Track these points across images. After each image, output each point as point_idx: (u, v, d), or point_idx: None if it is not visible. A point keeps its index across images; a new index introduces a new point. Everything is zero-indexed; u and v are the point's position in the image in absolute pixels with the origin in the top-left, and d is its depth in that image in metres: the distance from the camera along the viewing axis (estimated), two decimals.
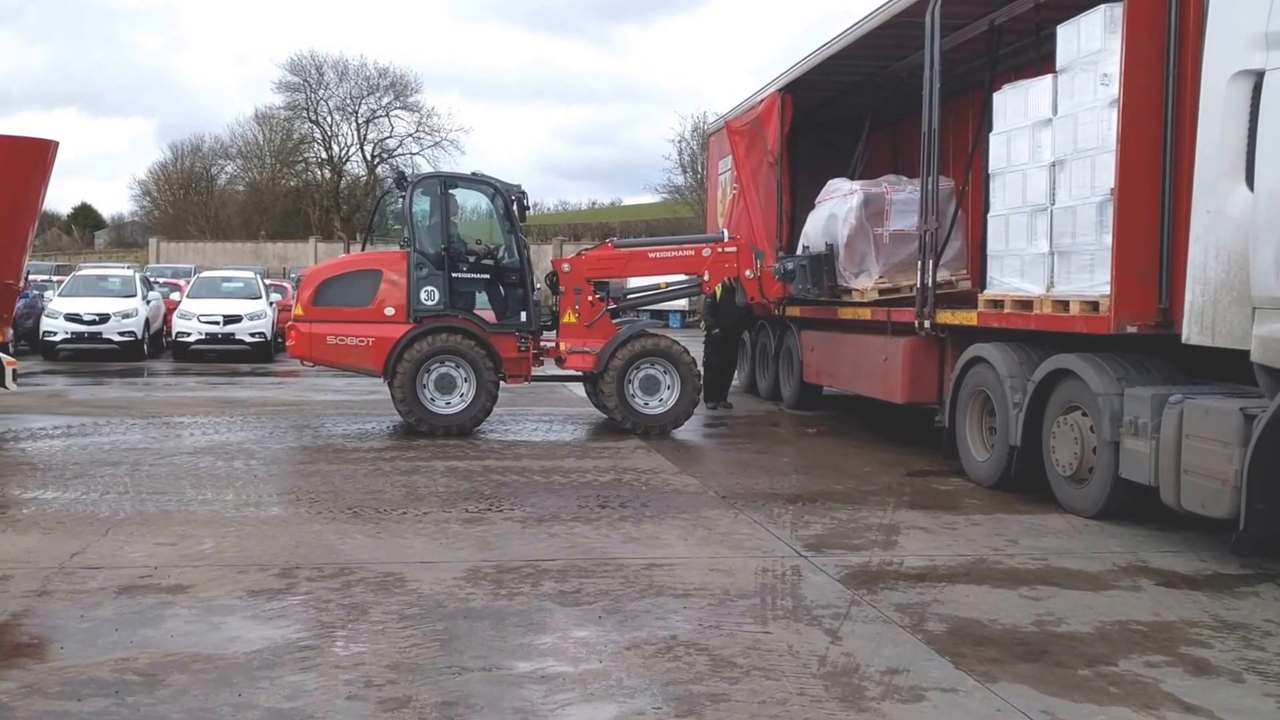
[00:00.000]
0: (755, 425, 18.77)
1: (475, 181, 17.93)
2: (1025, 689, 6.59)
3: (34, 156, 17.34)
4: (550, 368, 18.24)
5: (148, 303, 31.44)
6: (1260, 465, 8.58)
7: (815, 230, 18.53)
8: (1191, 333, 9.70)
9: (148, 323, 30.81)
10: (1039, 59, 14.17)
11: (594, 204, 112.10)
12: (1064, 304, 11.56)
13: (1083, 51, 11.51)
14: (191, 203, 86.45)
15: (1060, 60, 11.92)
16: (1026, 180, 12.44)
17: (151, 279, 37.09)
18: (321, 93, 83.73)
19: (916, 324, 14.51)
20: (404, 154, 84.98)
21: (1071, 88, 11.71)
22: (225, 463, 13.97)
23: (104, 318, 29.59)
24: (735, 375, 22.31)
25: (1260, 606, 8.34)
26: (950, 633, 7.63)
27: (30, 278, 24.47)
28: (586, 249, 19.27)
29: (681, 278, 18.85)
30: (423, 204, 17.28)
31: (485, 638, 7.40)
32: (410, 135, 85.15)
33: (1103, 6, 11.17)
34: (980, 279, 13.84)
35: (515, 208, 17.45)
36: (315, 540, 10.02)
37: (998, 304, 12.83)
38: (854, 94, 20.05)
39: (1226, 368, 9.89)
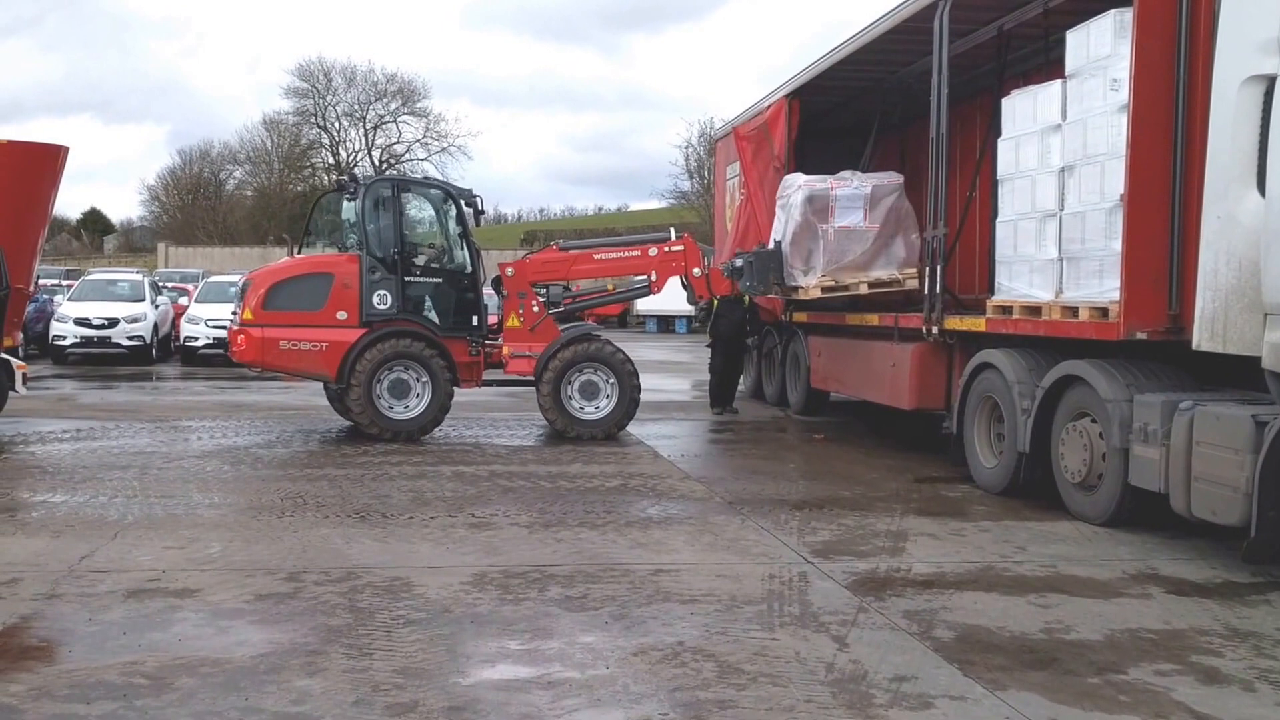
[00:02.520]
0: (762, 431, 18.73)
1: (427, 185, 17.93)
2: (1034, 697, 6.57)
3: (44, 162, 17.40)
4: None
5: (156, 307, 31.47)
6: (1272, 472, 8.55)
7: (777, 226, 18.55)
8: (1202, 339, 9.67)
9: (156, 327, 30.83)
10: (1048, 64, 14.14)
11: (600, 210, 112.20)
12: (1073, 310, 11.52)
13: (1092, 57, 11.48)
14: (200, 208, 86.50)
15: (1069, 65, 11.88)
16: (1035, 186, 12.39)
17: (160, 284, 37.12)
18: (330, 98, 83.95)
19: (924, 330, 14.48)
20: (411, 159, 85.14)
21: (1081, 93, 11.67)
22: (233, 467, 13.97)
23: (113, 322, 29.62)
24: (740, 381, 22.25)
25: (1272, 615, 8.30)
26: (958, 640, 7.60)
27: (40, 282, 24.48)
28: (531, 252, 19.09)
29: (632, 279, 18.71)
30: (375, 207, 16.97)
31: (492, 643, 7.39)
32: (418, 141, 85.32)
33: (1112, 11, 11.13)
34: (988, 284, 13.79)
35: (471, 212, 17.34)
36: (322, 544, 10.01)
37: (1006, 310, 12.79)
38: (862, 99, 20.02)
39: (1237, 374, 9.86)
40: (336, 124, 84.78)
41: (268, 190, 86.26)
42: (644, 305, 54.15)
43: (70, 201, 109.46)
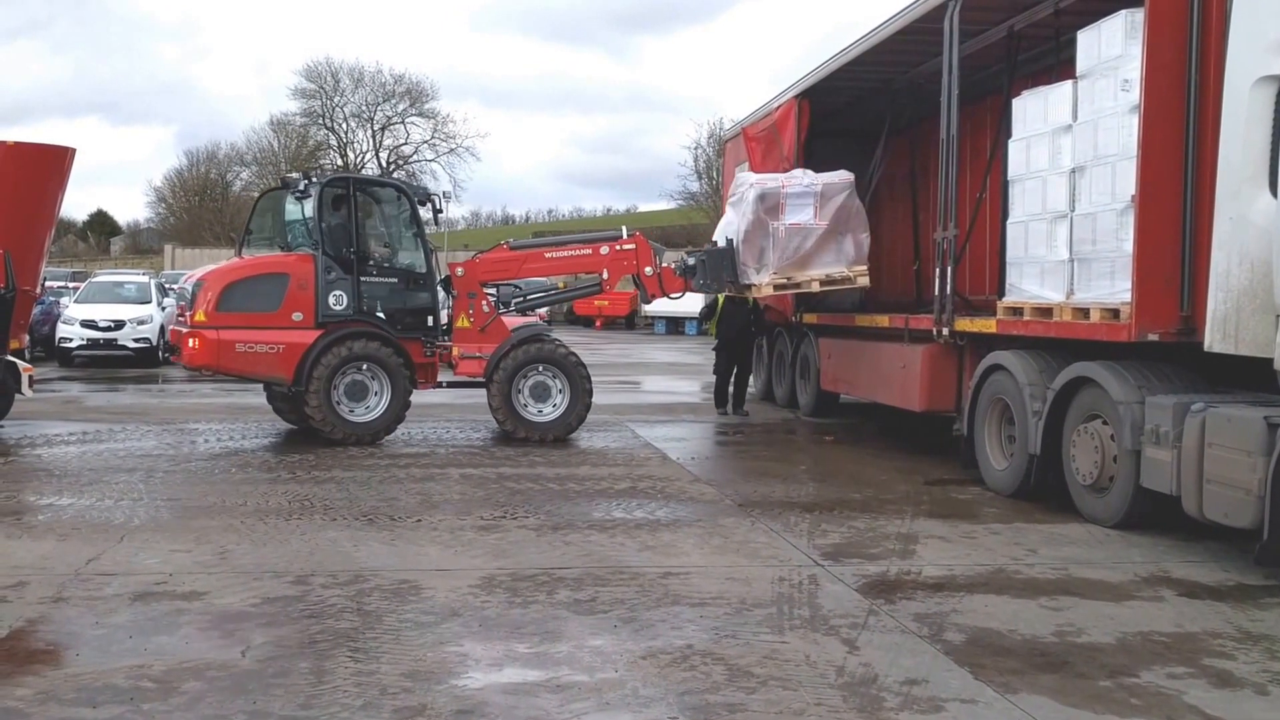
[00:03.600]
0: (772, 433, 18.70)
1: (382, 184, 17.67)
2: (1045, 700, 6.53)
3: (51, 163, 17.38)
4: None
5: (163, 309, 31.42)
6: None
7: (728, 224, 18.59)
8: (1214, 340, 9.62)
9: (163, 329, 30.77)
10: (1058, 64, 14.11)
11: (609, 211, 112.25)
12: (1084, 311, 11.47)
13: (1103, 57, 11.44)
14: (206, 209, 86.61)
15: (1080, 66, 11.84)
16: (1046, 186, 12.35)
17: (166, 285, 37.11)
18: (337, 99, 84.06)
19: (935, 331, 14.44)
20: (419, 160, 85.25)
21: (1092, 93, 11.63)
22: (240, 469, 13.95)
23: (119, 324, 29.64)
24: (751, 382, 22.20)
25: None
26: (969, 643, 7.56)
27: (46, 284, 24.48)
28: (481, 251, 19.00)
29: (582, 277, 18.62)
30: (331, 207, 16.66)
31: (500, 646, 7.36)
32: (426, 142, 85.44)
33: (1123, 12, 11.10)
34: (999, 286, 13.75)
35: (430, 211, 17.20)
36: (330, 547, 9.99)
37: (1017, 311, 12.74)
38: (871, 100, 19.98)
39: (1250, 376, 9.81)
40: (344, 125, 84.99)
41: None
42: (653, 306, 54.16)
43: (77, 203, 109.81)
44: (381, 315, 16.64)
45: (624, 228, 18.61)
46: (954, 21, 13.95)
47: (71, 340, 29.66)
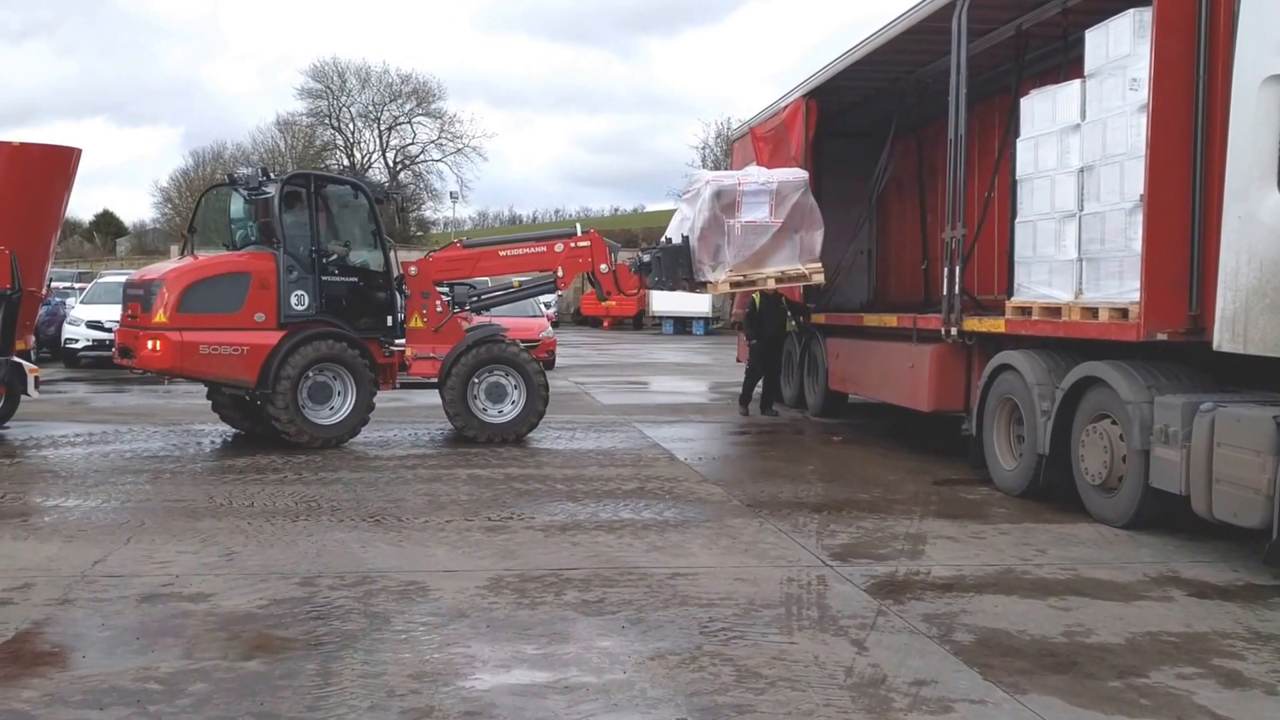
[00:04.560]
0: (780, 433, 18.68)
1: (340, 181, 17.31)
2: (1055, 701, 6.51)
3: (57, 164, 17.42)
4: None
5: None
6: None
7: (682, 221, 18.59)
8: (1223, 340, 9.60)
9: None
10: (1066, 64, 14.07)
11: (616, 211, 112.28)
12: (1093, 311, 11.44)
13: (1111, 56, 11.41)
14: (213, 209, 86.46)
15: (1088, 65, 11.81)
16: (1054, 186, 12.32)
17: None
18: (344, 99, 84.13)
19: (943, 331, 14.42)
20: (426, 160, 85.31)
21: (1100, 93, 11.60)
22: (246, 470, 13.96)
23: None
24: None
25: None
26: (978, 643, 7.54)
27: (52, 285, 24.52)
28: (434, 250, 18.81)
29: (536, 275, 18.50)
30: (291, 204, 16.32)
31: (508, 647, 7.35)
32: (433, 142, 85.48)
33: (1131, 11, 11.06)
34: (1007, 285, 13.72)
35: (393, 210, 17.07)
36: (337, 548, 9.98)
37: (1025, 311, 12.71)
38: (879, 99, 19.96)
39: (1259, 375, 9.79)
40: (351, 125, 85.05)
41: None
42: (660, 306, 54.25)
43: (83, 203, 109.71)
44: (347, 315, 16.41)
45: (578, 225, 18.67)
46: (962, 21, 13.92)
47: (77, 341, 29.70)
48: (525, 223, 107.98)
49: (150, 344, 15.62)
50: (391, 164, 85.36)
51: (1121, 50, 11.22)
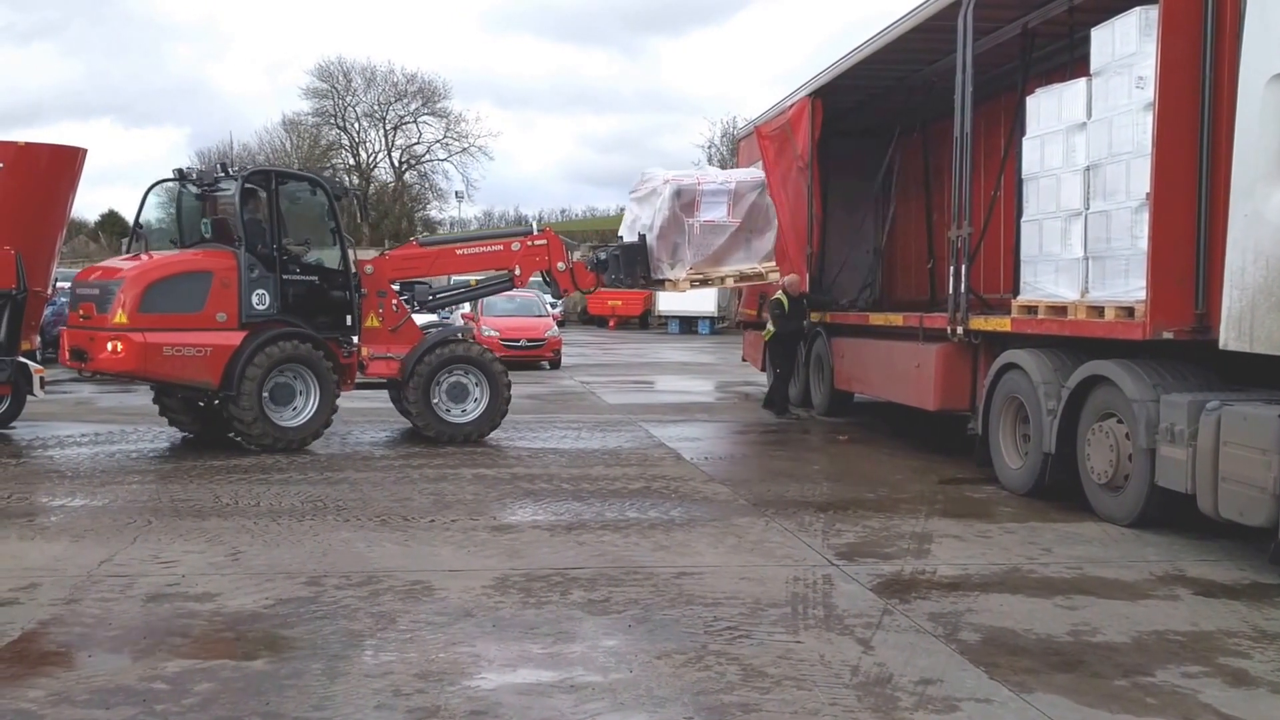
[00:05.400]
0: (785, 432, 18.68)
1: (299, 177, 17.03)
2: (1060, 699, 6.50)
3: (62, 164, 17.43)
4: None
5: None
6: None
7: (635, 219, 18.85)
8: (1229, 338, 9.58)
9: None
10: (1072, 62, 14.05)
11: (622, 210, 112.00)
12: (1099, 309, 11.43)
13: (1117, 54, 11.40)
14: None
15: (1094, 63, 11.80)
16: (1060, 184, 12.32)
17: None
18: (349, 99, 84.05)
19: (949, 330, 14.40)
20: (432, 160, 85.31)
21: (1106, 91, 11.59)
22: (252, 470, 13.97)
23: None
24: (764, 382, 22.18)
25: None
26: (984, 642, 7.54)
27: (58, 285, 24.50)
28: (390, 248, 18.68)
29: (492, 274, 18.43)
30: (251, 200, 15.90)
31: (514, 647, 7.35)
32: (438, 141, 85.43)
33: (1137, 9, 11.05)
34: (1014, 284, 13.72)
35: (358, 207, 16.86)
36: (343, 548, 9.98)
37: (1031, 309, 12.70)
38: (885, 98, 19.96)
39: (1265, 374, 9.77)
40: (356, 125, 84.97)
41: None
42: (666, 306, 54.26)
43: (89, 204, 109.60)
44: (307, 314, 16.10)
45: (534, 224, 18.67)
46: (968, 19, 13.91)
47: None
48: (530, 222, 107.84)
49: (111, 346, 14.95)
50: (397, 163, 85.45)
51: (1127, 48, 11.22)
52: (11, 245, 16.41)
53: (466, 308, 35.44)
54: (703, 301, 51.87)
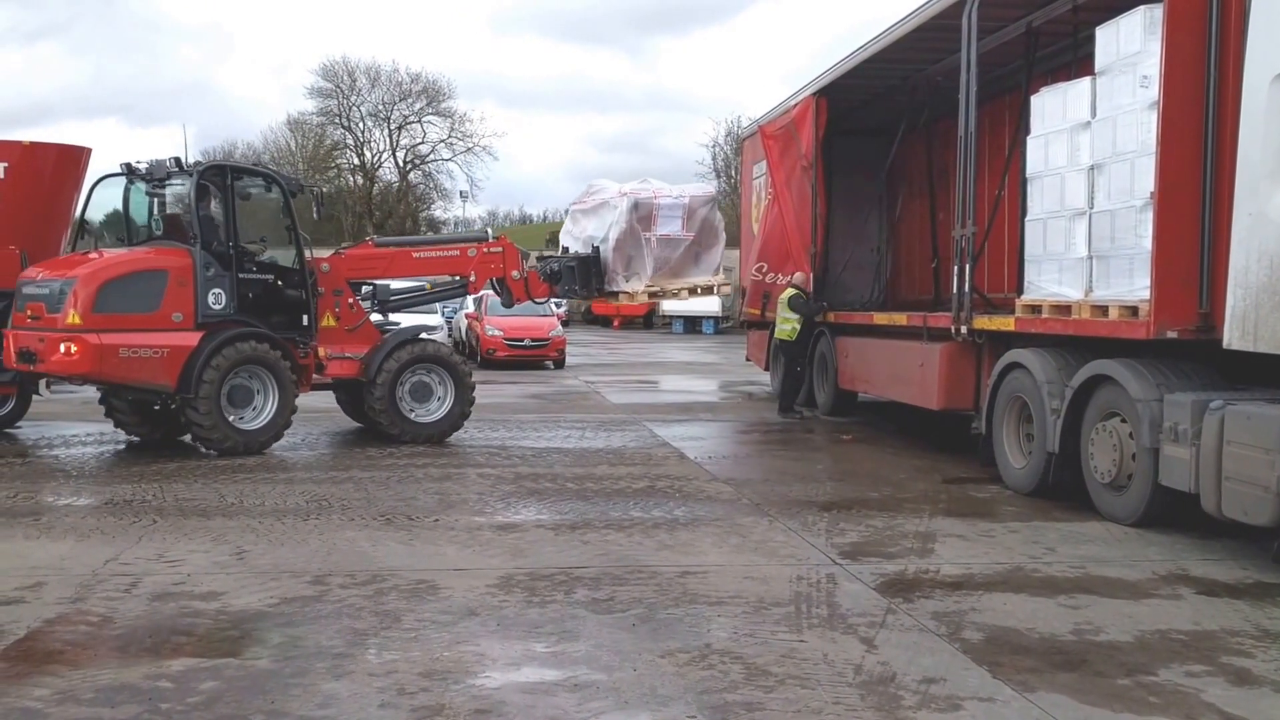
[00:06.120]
0: (789, 432, 18.68)
1: (255, 173, 16.60)
2: (1063, 698, 6.51)
3: (67, 163, 17.44)
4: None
5: None
6: None
7: (582, 231, 19.13)
8: (1233, 338, 9.59)
9: None
10: (1077, 61, 14.07)
11: None
12: (1103, 309, 11.43)
13: (1122, 53, 11.39)
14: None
15: (1099, 62, 11.80)
16: (1064, 184, 12.31)
17: None
18: (354, 99, 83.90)
19: (953, 329, 14.41)
20: (436, 160, 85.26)
21: (1110, 90, 11.59)
22: (257, 469, 13.98)
23: None
24: (769, 381, 22.20)
25: None
26: (987, 641, 7.54)
27: None
28: (345, 247, 18.36)
29: (446, 278, 18.26)
30: (206, 196, 15.40)
31: (518, 645, 7.36)
32: (443, 141, 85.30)
33: (1142, 8, 11.05)
34: (1018, 283, 13.72)
35: (315, 206, 16.46)
36: (348, 547, 10.00)
37: (1035, 309, 12.71)
38: (890, 97, 19.97)
39: (1269, 373, 9.77)
40: (361, 124, 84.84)
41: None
42: (671, 305, 54.24)
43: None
44: (264, 314, 15.73)
45: (488, 230, 18.74)
46: (972, 18, 13.92)
47: None
48: (535, 222, 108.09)
49: (64, 347, 14.29)
50: (401, 163, 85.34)
51: (1132, 47, 11.21)
52: (16, 244, 16.43)
53: (470, 307, 35.49)
54: (707, 302, 51.83)
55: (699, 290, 19.33)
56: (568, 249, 19.11)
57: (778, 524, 11.11)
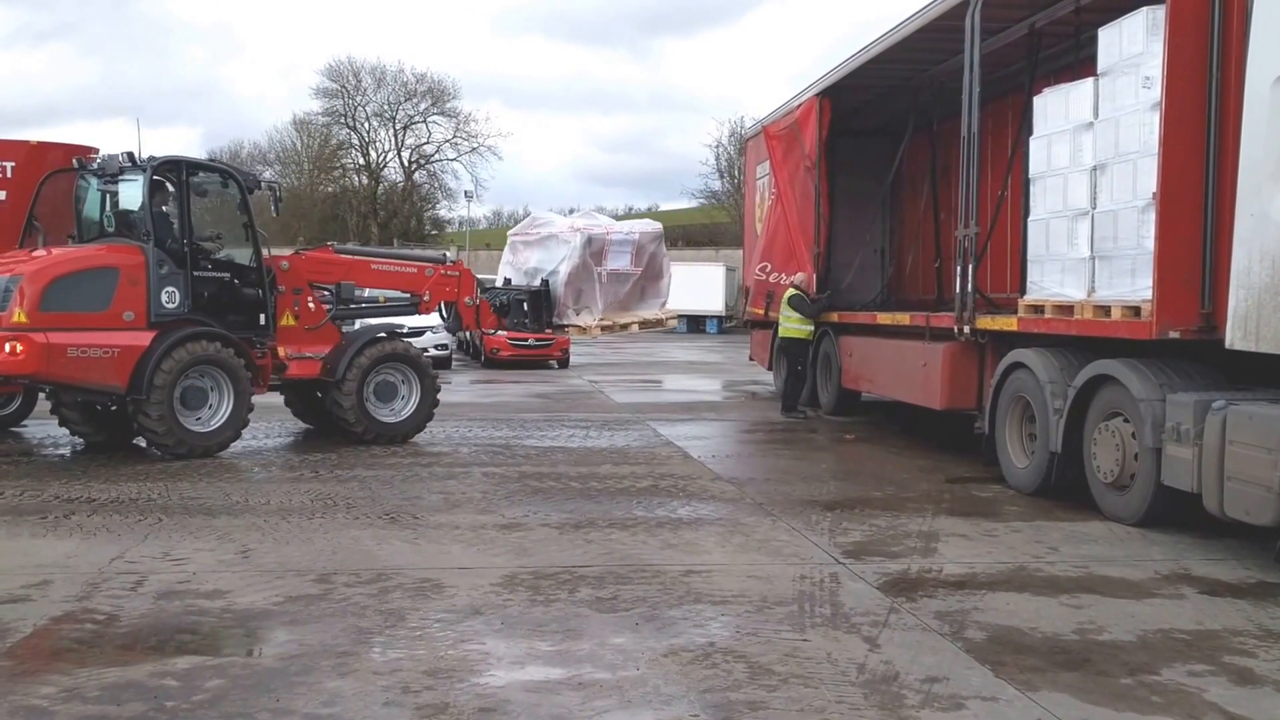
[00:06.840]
0: (793, 431, 18.69)
1: (211, 168, 16.15)
2: (1066, 698, 6.52)
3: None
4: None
5: None
6: None
7: (524, 262, 19.75)
8: (1235, 338, 9.60)
9: None
10: (1079, 62, 14.08)
11: (630, 209, 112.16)
12: (1105, 309, 11.45)
13: (1124, 54, 11.41)
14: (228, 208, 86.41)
15: (1101, 63, 11.81)
16: (1067, 184, 12.32)
17: None
18: (359, 99, 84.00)
19: (956, 329, 14.42)
20: (441, 160, 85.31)
21: (1113, 91, 11.60)
22: (262, 468, 14.01)
23: None
24: (772, 381, 22.22)
25: None
26: (990, 641, 7.56)
27: None
28: (305, 249, 18.20)
29: (397, 293, 18.00)
30: (160, 192, 15.05)
31: (522, 644, 7.38)
32: (448, 141, 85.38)
33: (1145, 9, 11.06)
34: (1020, 284, 13.74)
35: (272, 202, 16.35)
36: (352, 546, 10.02)
37: (1038, 309, 12.72)
38: (893, 98, 19.98)
39: (1271, 373, 9.79)
40: (366, 124, 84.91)
41: (297, 191, 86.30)
42: (674, 305, 54.27)
43: None
44: (219, 313, 15.40)
45: (446, 254, 18.92)
46: (975, 19, 13.93)
47: None
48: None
49: (9, 347, 13.82)
50: (406, 163, 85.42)
51: (1134, 48, 11.22)
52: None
53: None
54: (710, 301, 51.98)
55: (648, 323, 20.23)
56: (509, 280, 19.57)
57: (781, 523, 11.13)
